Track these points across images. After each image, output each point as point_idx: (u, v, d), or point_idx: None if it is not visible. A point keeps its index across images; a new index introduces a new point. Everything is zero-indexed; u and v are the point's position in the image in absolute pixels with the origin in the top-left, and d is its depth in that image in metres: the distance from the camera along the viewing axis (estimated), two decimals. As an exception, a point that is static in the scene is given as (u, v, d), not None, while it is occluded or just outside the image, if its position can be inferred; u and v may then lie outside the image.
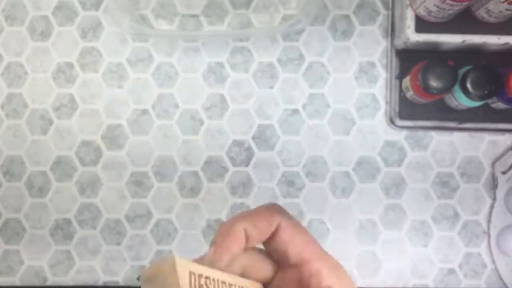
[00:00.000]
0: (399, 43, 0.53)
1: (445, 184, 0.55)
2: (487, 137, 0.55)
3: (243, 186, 0.55)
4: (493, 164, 0.55)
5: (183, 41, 0.55)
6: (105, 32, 0.56)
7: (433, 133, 0.55)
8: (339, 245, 0.55)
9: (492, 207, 0.54)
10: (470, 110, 0.52)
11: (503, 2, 0.46)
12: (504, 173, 0.54)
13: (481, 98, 0.48)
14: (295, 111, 0.55)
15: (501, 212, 0.54)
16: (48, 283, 0.55)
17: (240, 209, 0.55)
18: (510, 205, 0.54)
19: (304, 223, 0.55)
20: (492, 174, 0.55)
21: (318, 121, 0.55)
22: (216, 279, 0.27)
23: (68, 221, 0.55)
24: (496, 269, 0.54)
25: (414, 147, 0.55)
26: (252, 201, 0.55)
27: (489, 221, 0.54)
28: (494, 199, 0.54)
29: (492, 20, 0.49)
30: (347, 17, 0.56)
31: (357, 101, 0.55)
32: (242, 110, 0.55)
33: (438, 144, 0.55)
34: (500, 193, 0.54)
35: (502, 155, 0.55)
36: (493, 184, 0.54)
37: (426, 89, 0.48)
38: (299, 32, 0.55)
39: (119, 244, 0.55)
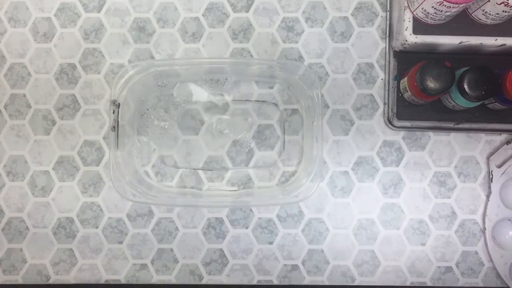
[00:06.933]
0: (397, 44, 0.53)
1: (442, 184, 0.55)
2: (484, 137, 0.55)
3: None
4: (488, 159, 0.55)
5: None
6: (107, 33, 0.56)
7: (430, 133, 0.56)
8: (338, 244, 0.55)
9: (487, 200, 0.55)
10: (467, 110, 0.53)
11: (499, 4, 0.46)
12: (499, 167, 0.54)
13: (478, 99, 0.48)
14: (295, 111, 0.56)
15: (496, 205, 0.55)
16: (51, 282, 0.55)
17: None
18: (505, 199, 0.55)
19: (304, 222, 0.55)
20: (488, 168, 0.55)
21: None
22: None
23: (70, 220, 0.55)
24: (494, 268, 0.55)
25: (411, 147, 0.56)
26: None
27: (484, 214, 0.55)
28: (490, 192, 0.55)
29: (489, 22, 0.50)
30: (345, 19, 0.56)
31: (355, 102, 0.56)
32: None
33: (436, 144, 0.56)
34: (495, 187, 0.55)
35: (497, 149, 0.55)
36: (489, 178, 0.55)
37: (423, 90, 0.48)
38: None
39: (120, 242, 0.55)
